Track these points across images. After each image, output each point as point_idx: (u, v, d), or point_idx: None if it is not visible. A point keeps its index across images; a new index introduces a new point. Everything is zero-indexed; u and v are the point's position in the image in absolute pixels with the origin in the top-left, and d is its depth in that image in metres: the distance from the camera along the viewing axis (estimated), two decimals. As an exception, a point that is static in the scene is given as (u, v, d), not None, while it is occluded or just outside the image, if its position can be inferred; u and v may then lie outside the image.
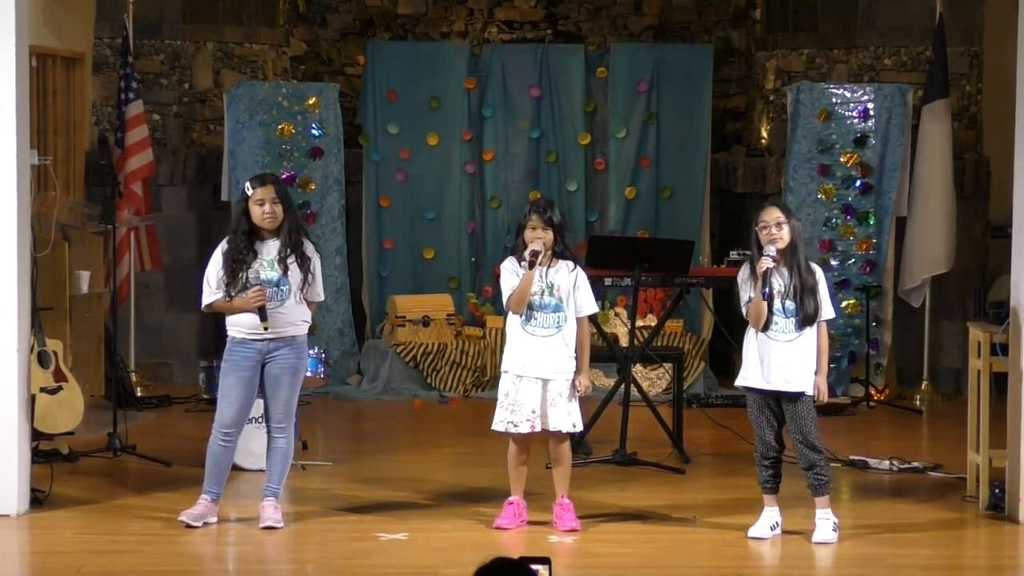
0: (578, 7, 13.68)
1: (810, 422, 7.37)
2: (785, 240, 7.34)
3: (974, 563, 7.53)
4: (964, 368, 9.28)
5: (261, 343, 7.51)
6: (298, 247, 7.57)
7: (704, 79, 12.45)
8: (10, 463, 7.76)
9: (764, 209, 7.45)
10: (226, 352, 7.60)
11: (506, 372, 7.62)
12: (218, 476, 7.63)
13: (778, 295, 7.34)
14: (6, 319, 7.76)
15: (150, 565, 7.01)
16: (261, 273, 7.46)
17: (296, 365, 7.58)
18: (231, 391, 7.54)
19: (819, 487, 7.41)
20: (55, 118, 11.52)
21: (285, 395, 7.59)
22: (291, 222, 7.57)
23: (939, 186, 11.50)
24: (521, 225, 7.63)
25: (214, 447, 7.61)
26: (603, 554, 7.21)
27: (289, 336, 7.55)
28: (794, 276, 7.34)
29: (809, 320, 7.35)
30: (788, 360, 7.33)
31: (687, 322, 12.16)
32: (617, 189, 12.50)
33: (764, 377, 7.37)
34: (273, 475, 7.65)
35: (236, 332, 7.56)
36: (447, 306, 12.01)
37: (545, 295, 7.55)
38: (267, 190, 7.51)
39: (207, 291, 7.56)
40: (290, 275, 7.52)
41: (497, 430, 7.61)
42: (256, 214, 7.49)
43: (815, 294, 7.36)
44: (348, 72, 13.34)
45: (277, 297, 7.50)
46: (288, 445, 7.68)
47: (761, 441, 7.47)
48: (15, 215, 7.78)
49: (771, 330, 7.36)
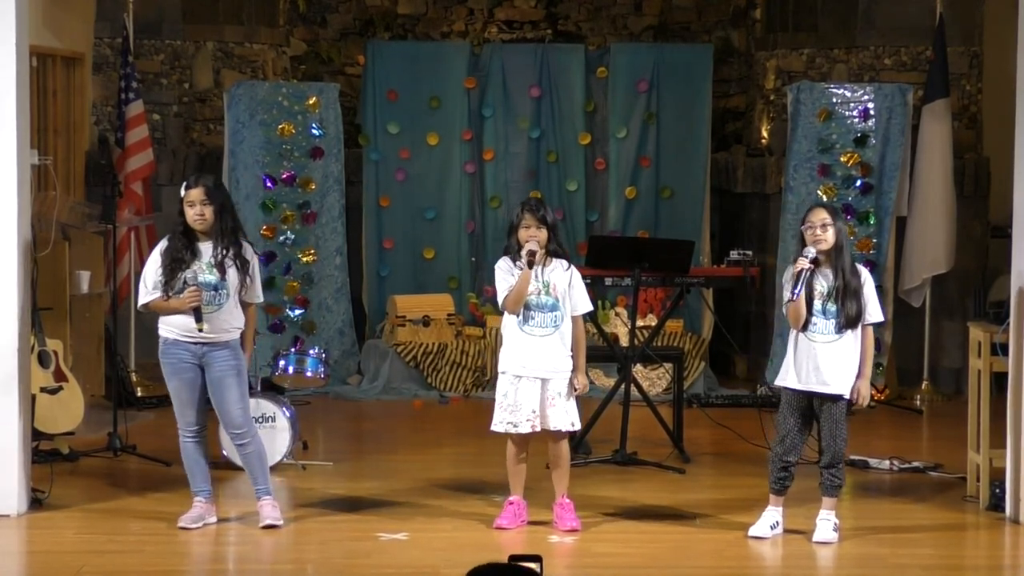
0: (578, 7, 13.68)
1: (843, 425, 7.37)
2: (829, 242, 7.32)
3: (974, 563, 7.52)
4: (964, 368, 9.29)
5: (195, 345, 7.47)
6: (236, 249, 7.51)
7: (704, 79, 12.45)
8: (10, 463, 7.77)
9: (811, 210, 7.43)
10: (160, 354, 7.56)
11: (504, 372, 7.61)
12: (201, 474, 7.63)
13: (820, 297, 7.32)
14: (6, 319, 7.77)
15: (150, 565, 7.02)
16: (199, 275, 7.43)
17: (238, 365, 7.54)
18: (180, 393, 7.54)
19: (832, 488, 7.41)
20: (55, 118, 11.52)
21: (235, 396, 7.53)
22: (225, 224, 7.48)
23: (939, 186, 11.50)
24: (514, 224, 7.61)
25: (185, 447, 7.62)
26: (603, 554, 7.21)
27: (223, 341, 7.51)
28: (838, 278, 7.31)
29: (851, 323, 7.31)
30: (826, 362, 7.31)
31: (687, 322, 12.16)
32: (617, 189, 12.50)
33: (800, 378, 7.35)
34: (257, 477, 7.64)
35: (169, 332, 7.52)
36: (447, 306, 12.01)
37: (542, 294, 7.54)
38: (197, 192, 7.45)
39: (143, 291, 7.51)
40: (228, 278, 7.48)
41: (497, 431, 7.61)
42: (188, 215, 7.46)
43: (859, 297, 7.32)
44: (348, 72, 13.34)
45: (215, 301, 7.46)
46: (257, 446, 7.66)
47: (782, 442, 7.43)
48: (15, 215, 7.79)
49: (810, 331, 7.34)
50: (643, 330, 10.67)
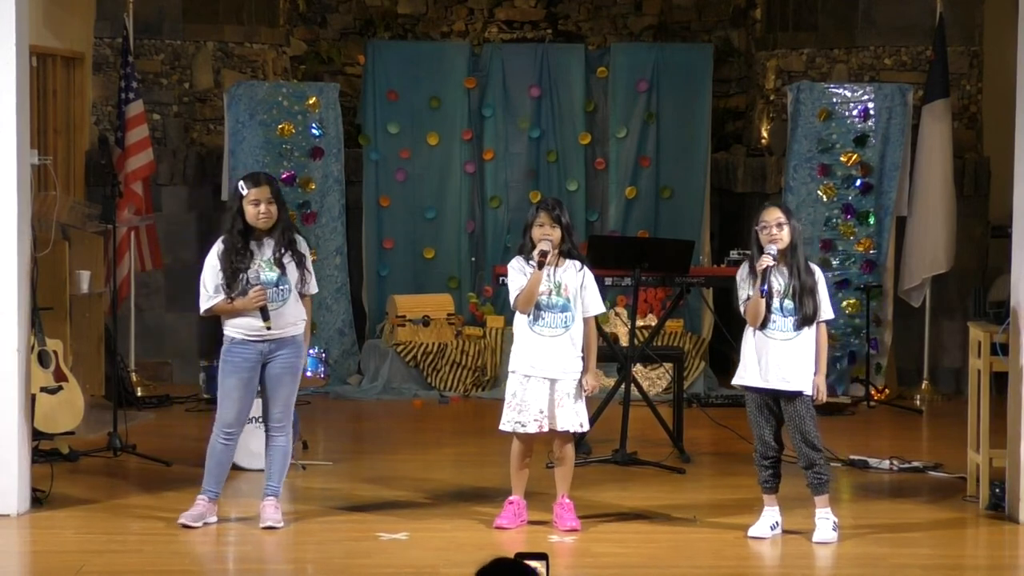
0: (578, 7, 13.68)
1: (809, 421, 7.38)
2: (785, 241, 7.35)
3: (974, 563, 7.52)
4: (964, 368, 9.29)
5: (262, 344, 7.50)
6: (292, 245, 7.54)
7: (704, 79, 12.45)
8: (10, 463, 7.76)
9: (765, 209, 7.46)
10: (224, 353, 7.57)
11: (513, 372, 7.61)
12: (218, 476, 7.63)
13: (777, 295, 7.35)
14: (6, 319, 7.76)
15: (150, 565, 7.01)
16: (261, 274, 7.44)
17: (296, 364, 7.58)
18: (232, 392, 7.52)
19: (819, 486, 7.41)
20: (55, 118, 11.52)
21: (285, 394, 7.58)
22: (284, 221, 7.54)
23: (939, 186, 11.50)
24: (528, 223, 7.60)
25: (215, 446, 7.60)
26: (603, 554, 7.21)
27: (290, 336, 7.54)
28: (793, 277, 7.35)
29: (808, 321, 7.36)
30: (786, 359, 7.34)
31: (687, 322, 12.16)
32: (617, 189, 12.50)
33: (762, 376, 7.37)
34: (273, 474, 7.65)
35: (236, 333, 7.53)
36: (447, 306, 12.01)
37: (553, 295, 7.53)
38: (262, 190, 7.45)
39: (204, 295, 7.50)
40: (288, 274, 7.51)
41: (505, 430, 7.60)
42: (251, 214, 7.45)
43: (814, 295, 7.37)
44: (348, 72, 13.34)
45: (278, 297, 7.49)
46: (287, 443, 7.67)
47: (760, 441, 7.48)
48: (15, 215, 7.78)
49: (769, 329, 7.37)
50: (643, 330, 10.68)
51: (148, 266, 11.58)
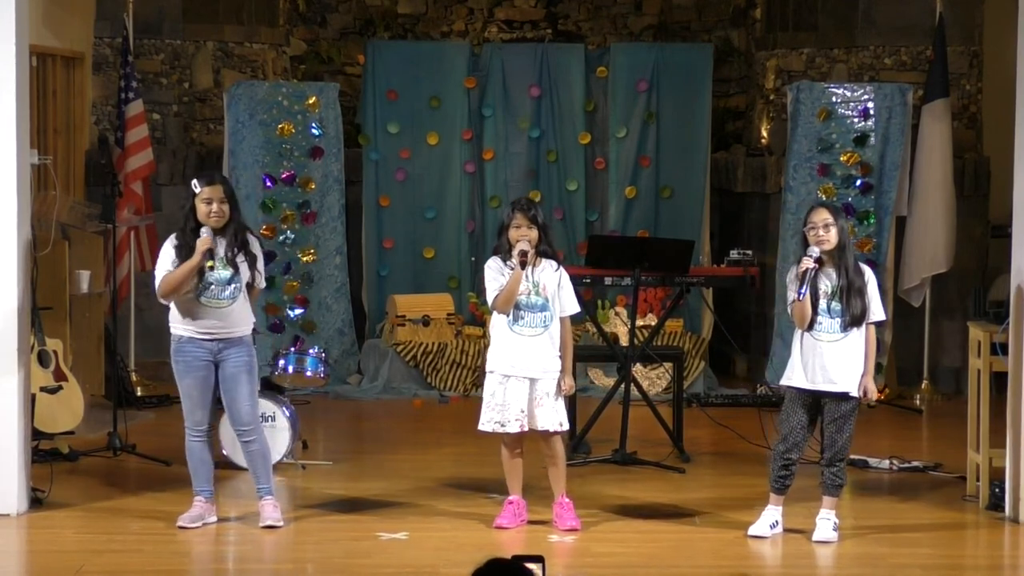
0: (578, 7, 13.68)
1: (849, 424, 7.37)
2: (832, 242, 7.33)
3: (974, 563, 7.53)
4: (964, 368, 9.29)
5: (211, 342, 7.51)
6: (245, 245, 7.56)
7: (704, 79, 12.45)
8: (10, 463, 7.77)
9: (813, 210, 7.45)
10: (174, 353, 7.59)
11: (491, 372, 7.61)
12: (204, 474, 7.63)
13: (824, 296, 7.33)
14: (6, 319, 7.77)
15: (150, 565, 7.02)
16: (215, 272, 7.46)
17: (250, 362, 7.59)
18: (191, 392, 7.56)
19: (833, 488, 7.41)
20: (55, 118, 11.52)
21: (246, 393, 7.57)
22: (237, 221, 7.56)
23: (939, 186, 11.50)
24: (504, 224, 7.62)
25: (191, 446, 7.63)
26: (603, 554, 7.21)
27: (238, 336, 7.56)
28: (842, 277, 7.33)
29: (856, 322, 7.33)
30: (833, 361, 7.32)
31: (687, 322, 12.16)
32: (617, 189, 12.50)
33: (808, 378, 7.36)
34: (260, 476, 7.65)
35: (184, 331, 7.55)
36: (447, 306, 12.01)
37: (532, 295, 7.55)
38: (215, 189, 7.51)
39: (159, 277, 7.50)
40: (240, 273, 7.53)
41: (484, 431, 7.62)
42: (203, 212, 7.49)
43: (863, 296, 7.34)
44: (348, 72, 13.34)
45: (230, 296, 7.50)
46: (262, 445, 7.67)
47: (785, 440, 7.43)
48: (15, 215, 7.79)
49: (816, 331, 7.35)
50: (643, 330, 10.68)
51: (148, 266, 11.56)
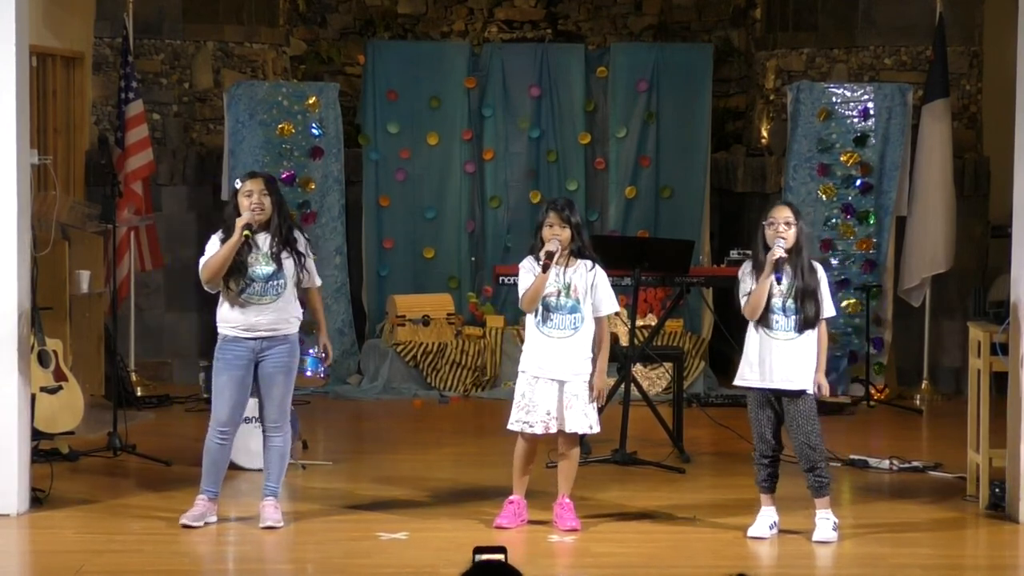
0: (578, 7, 13.68)
1: (812, 421, 7.37)
2: (790, 242, 7.33)
3: (974, 563, 7.53)
4: (964, 368, 9.28)
5: (254, 341, 7.50)
6: (291, 243, 7.55)
7: (704, 79, 12.44)
8: (10, 463, 7.76)
9: (775, 207, 7.44)
10: (217, 350, 7.58)
11: (523, 372, 7.60)
12: (215, 475, 7.63)
13: (780, 295, 7.34)
14: (6, 319, 7.77)
15: (150, 565, 7.02)
16: (257, 268, 7.46)
17: (290, 363, 7.58)
18: (224, 390, 7.53)
19: (820, 489, 7.41)
20: (55, 118, 11.52)
21: (280, 394, 7.57)
22: (280, 217, 7.55)
23: (939, 186, 11.50)
24: (539, 223, 7.59)
25: (211, 446, 7.61)
26: (603, 554, 7.21)
27: (282, 335, 7.54)
28: (797, 278, 7.34)
29: (809, 324, 7.35)
30: (789, 358, 7.34)
31: (687, 322, 12.16)
32: (617, 189, 12.50)
33: (765, 377, 7.37)
34: (271, 474, 7.65)
35: (228, 330, 7.54)
36: (447, 306, 12.00)
37: (561, 296, 7.51)
38: (256, 182, 7.52)
39: (201, 263, 7.50)
40: (284, 269, 7.52)
41: (512, 429, 7.60)
42: (244, 205, 7.49)
43: (816, 297, 7.36)
44: (348, 72, 13.34)
45: (273, 291, 7.49)
46: (285, 444, 7.67)
47: (760, 440, 7.47)
48: (15, 215, 7.79)
49: (772, 329, 7.36)
50: (643, 330, 10.68)
51: (148, 266, 11.58)
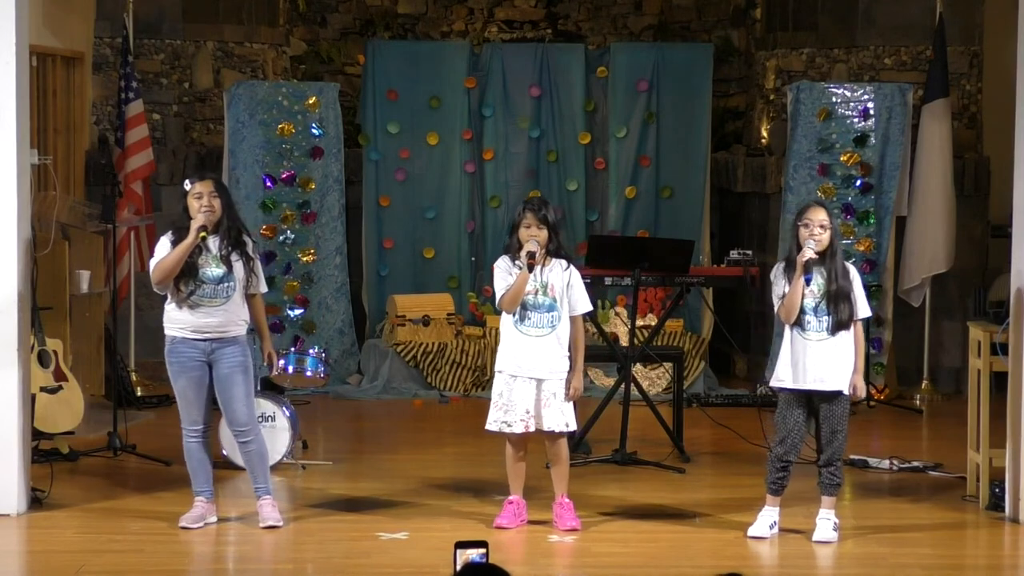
0: (578, 7, 13.68)
1: (844, 422, 7.40)
2: (824, 244, 7.34)
3: (974, 563, 7.53)
4: (964, 367, 9.29)
5: (203, 342, 7.51)
6: (240, 245, 7.57)
7: (704, 79, 12.44)
8: (10, 463, 7.77)
9: (810, 207, 7.43)
10: (168, 353, 7.58)
11: (500, 372, 7.62)
12: (204, 475, 7.64)
13: (812, 296, 7.33)
14: (6, 319, 7.77)
15: (150, 565, 7.02)
16: (207, 270, 7.47)
17: (245, 362, 7.58)
18: (186, 393, 7.56)
19: (831, 487, 7.41)
20: (55, 118, 11.52)
21: (242, 393, 7.56)
22: (230, 219, 7.57)
23: (939, 186, 11.50)
24: (515, 223, 7.61)
25: (189, 447, 7.63)
26: (603, 553, 7.21)
27: (231, 336, 7.55)
28: (831, 282, 7.33)
29: (842, 326, 7.34)
30: (823, 360, 7.33)
31: (687, 322, 12.16)
32: (617, 189, 12.50)
33: (798, 379, 7.36)
34: (257, 476, 7.66)
35: (178, 331, 7.54)
36: (447, 306, 12.00)
37: (539, 295, 7.54)
38: (205, 184, 7.54)
39: (152, 265, 7.53)
40: (234, 271, 7.53)
41: (491, 430, 7.62)
42: (194, 208, 7.50)
43: (850, 299, 7.35)
44: (348, 72, 13.34)
45: (223, 294, 7.51)
46: (259, 445, 7.68)
47: (782, 442, 7.43)
48: (15, 215, 7.79)
49: (805, 331, 7.36)
50: (643, 330, 10.67)
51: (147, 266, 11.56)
